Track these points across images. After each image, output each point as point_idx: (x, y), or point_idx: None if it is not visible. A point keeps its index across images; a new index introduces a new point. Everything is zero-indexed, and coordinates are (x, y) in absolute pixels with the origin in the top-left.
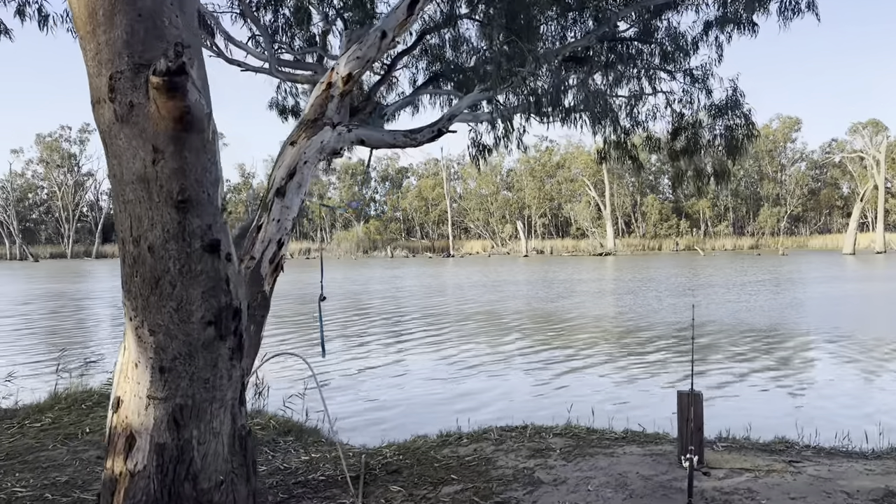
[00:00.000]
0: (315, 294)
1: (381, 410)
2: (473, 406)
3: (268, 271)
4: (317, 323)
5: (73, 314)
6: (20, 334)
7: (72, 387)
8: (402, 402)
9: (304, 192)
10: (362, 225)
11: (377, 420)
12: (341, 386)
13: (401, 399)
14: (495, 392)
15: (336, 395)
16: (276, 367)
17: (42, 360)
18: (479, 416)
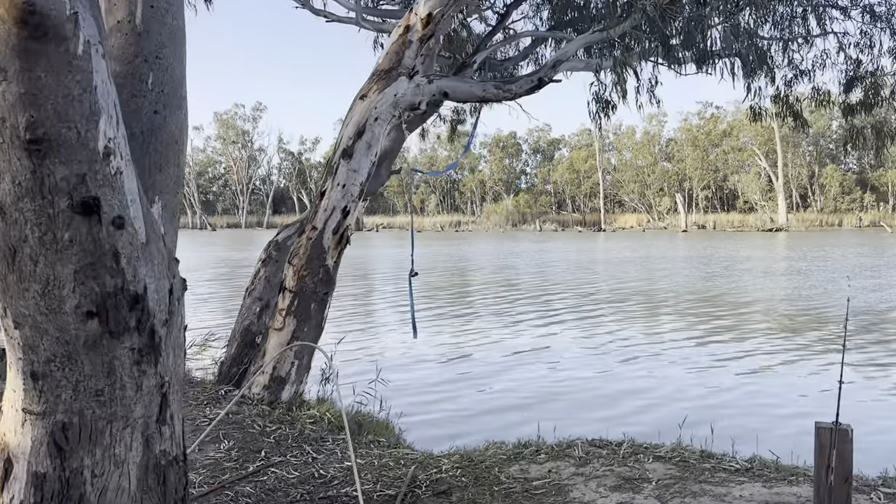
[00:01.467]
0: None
1: (480, 405)
2: (577, 403)
3: (331, 243)
4: (406, 302)
5: (231, 281)
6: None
7: None
8: (506, 395)
9: (375, 154)
10: (511, 198)
11: (467, 416)
12: (448, 372)
13: (506, 391)
14: (607, 389)
15: (437, 384)
16: (353, 347)
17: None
18: (578, 417)
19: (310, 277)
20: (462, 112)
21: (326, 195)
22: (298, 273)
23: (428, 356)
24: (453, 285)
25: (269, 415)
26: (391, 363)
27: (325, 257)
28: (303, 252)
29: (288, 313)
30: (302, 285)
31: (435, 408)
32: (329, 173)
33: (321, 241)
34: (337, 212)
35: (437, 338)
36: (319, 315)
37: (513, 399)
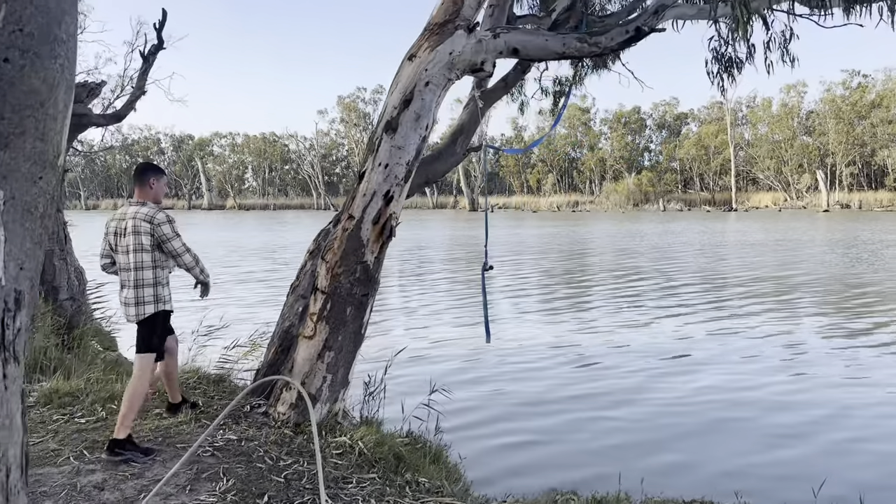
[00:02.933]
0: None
1: (565, 433)
2: (694, 430)
3: (370, 235)
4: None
5: None
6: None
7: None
8: (609, 422)
9: (425, 127)
10: (633, 176)
11: (543, 448)
12: (531, 383)
13: (608, 415)
14: (741, 418)
15: (513, 402)
16: (415, 353)
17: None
18: (697, 457)
19: (345, 276)
20: (566, 82)
21: (366, 177)
22: (332, 271)
23: (508, 361)
24: (565, 271)
25: (290, 442)
26: (457, 373)
27: (363, 252)
28: (337, 246)
29: (320, 318)
30: (336, 285)
31: (504, 432)
32: (370, 151)
33: (359, 233)
34: (378, 197)
35: (526, 335)
36: (357, 321)
37: (615, 427)
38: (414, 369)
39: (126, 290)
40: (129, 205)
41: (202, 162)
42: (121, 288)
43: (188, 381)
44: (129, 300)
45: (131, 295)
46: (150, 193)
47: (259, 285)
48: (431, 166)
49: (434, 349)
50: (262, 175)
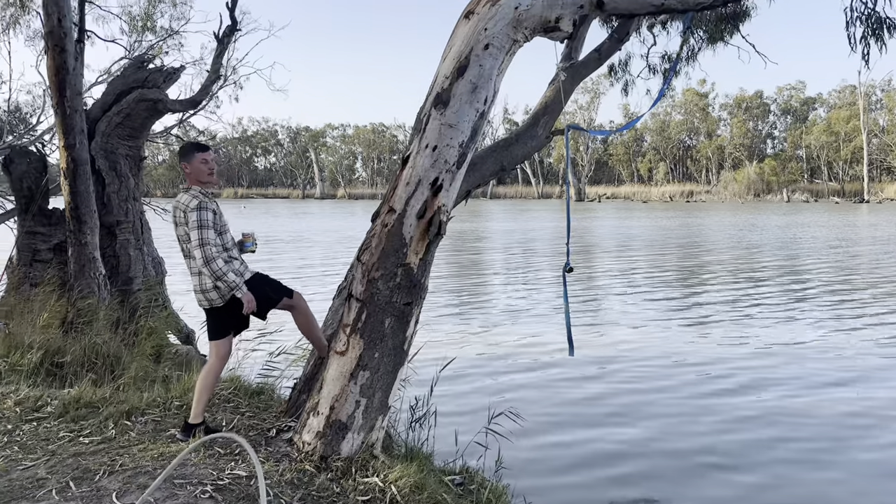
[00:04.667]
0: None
1: (663, 468)
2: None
3: (415, 232)
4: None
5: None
6: None
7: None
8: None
9: (484, 101)
10: (754, 165)
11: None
12: (629, 411)
13: (711, 450)
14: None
15: (598, 433)
16: (483, 367)
17: None
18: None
19: (384, 281)
20: (679, 60)
21: (410, 162)
22: (369, 274)
23: (600, 378)
24: (674, 266)
25: (309, 482)
26: (532, 392)
27: (405, 252)
28: (375, 244)
29: (353, 331)
30: (373, 292)
31: (600, 481)
32: (416, 131)
33: (401, 230)
34: (423, 187)
35: (629, 343)
36: (398, 335)
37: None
38: (477, 384)
39: (192, 278)
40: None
41: (315, 153)
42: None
43: (222, 391)
44: (195, 288)
45: (195, 282)
46: (190, 177)
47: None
48: (508, 151)
49: (505, 360)
50: (370, 165)
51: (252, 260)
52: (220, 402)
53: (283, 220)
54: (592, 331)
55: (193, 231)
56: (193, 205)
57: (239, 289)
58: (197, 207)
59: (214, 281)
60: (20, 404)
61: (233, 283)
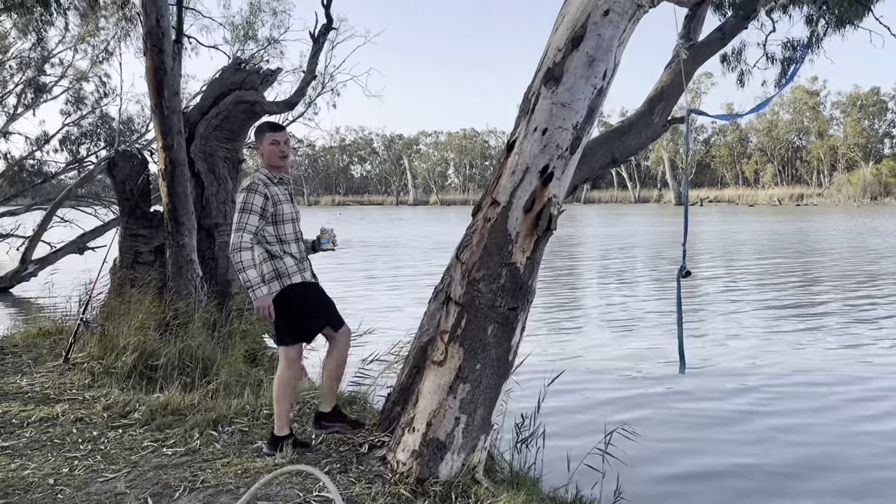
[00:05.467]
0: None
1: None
2: None
3: (521, 227)
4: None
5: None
6: None
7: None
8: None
9: (603, 76)
10: (871, 166)
11: None
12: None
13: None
14: None
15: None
16: (585, 384)
17: None
18: None
19: (486, 283)
20: (798, 45)
21: (516, 148)
22: (469, 275)
23: (716, 397)
24: (791, 274)
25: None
26: (644, 413)
27: (510, 250)
28: (476, 241)
29: (452, 339)
30: (474, 295)
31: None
32: (523, 113)
33: (505, 225)
34: (531, 175)
35: (738, 355)
36: (502, 344)
37: None
38: (585, 400)
39: None
40: None
41: (409, 160)
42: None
43: (313, 400)
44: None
45: None
46: (263, 160)
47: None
48: (620, 141)
49: (612, 374)
50: (462, 171)
51: (340, 263)
52: (310, 411)
53: (377, 225)
54: (705, 343)
55: (235, 214)
56: (244, 185)
57: (253, 290)
58: (246, 189)
59: (237, 271)
60: (108, 409)
61: (247, 282)
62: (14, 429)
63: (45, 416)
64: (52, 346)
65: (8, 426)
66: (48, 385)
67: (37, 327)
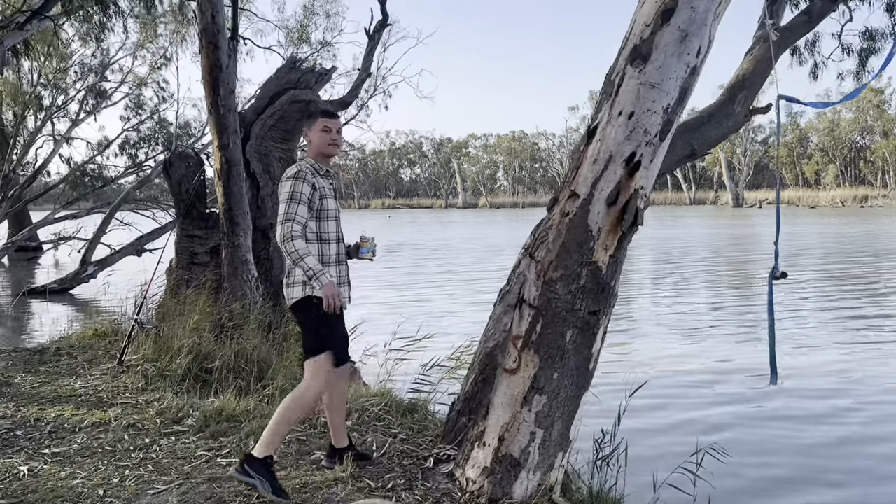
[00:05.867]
0: None
1: None
2: None
3: (604, 222)
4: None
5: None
6: None
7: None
8: None
9: (696, 52)
10: None
11: None
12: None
13: None
14: None
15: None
16: (667, 397)
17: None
18: None
19: (564, 283)
20: (878, 36)
21: (597, 135)
22: (545, 275)
23: (817, 416)
24: (871, 278)
25: None
26: (735, 434)
27: (591, 248)
28: (553, 238)
29: (526, 345)
30: (551, 297)
31: None
32: (605, 95)
33: (585, 219)
34: (616, 164)
35: (832, 367)
36: (582, 351)
37: None
38: (666, 414)
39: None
40: None
41: (458, 163)
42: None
43: (372, 408)
44: (284, 281)
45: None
46: (311, 147)
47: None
48: (699, 132)
49: (697, 388)
50: (512, 174)
51: (391, 267)
52: (369, 419)
53: (428, 228)
54: (790, 352)
55: (281, 204)
56: (290, 173)
57: (317, 278)
58: (293, 177)
59: (291, 265)
60: (161, 414)
61: (309, 270)
62: (66, 434)
63: (97, 420)
64: (107, 347)
65: (60, 431)
66: (101, 388)
67: (92, 328)
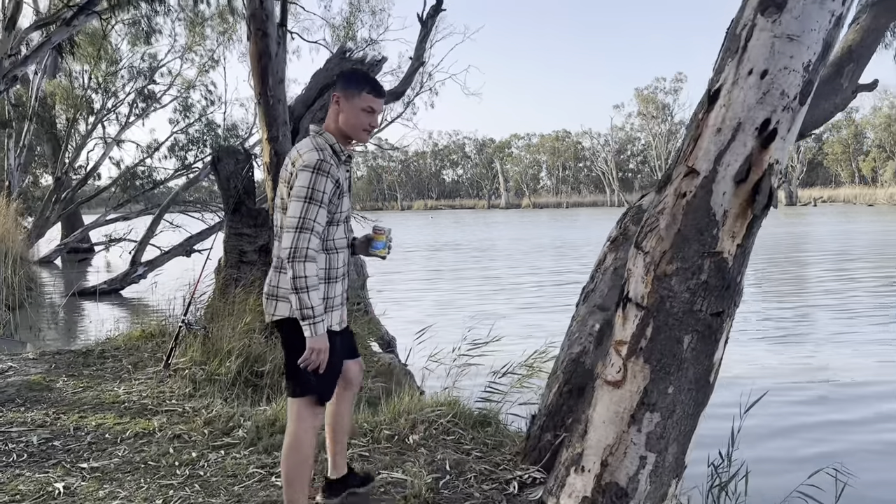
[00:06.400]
0: None
1: None
2: None
3: (731, 204)
4: None
5: None
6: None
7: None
8: None
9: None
10: None
11: None
12: None
13: None
14: None
15: None
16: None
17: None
18: None
19: (681, 278)
20: None
21: (721, 99)
22: (656, 268)
23: None
24: None
25: None
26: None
27: (715, 235)
28: (666, 224)
29: (633, 353)
30: (663, 295)
31: None
32: (728, 53)
33: (707, 201)
34: (746, 133)
35: None
36: (702, 361)
37: None
38: (786, 430)
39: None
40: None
41: (501, 163)
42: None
43: (439, 419)
44: (265, 288)
45: (267, 279)
46: (335, 119)
47: (556, 288)
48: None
49: (803, 392)
50: (555, 174)
51: (434, 269)
52: (437, 433)
53: (472, 228)
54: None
55: (295, 203)
56: (311, 160)
57: (313, 324)
58: (315, 168)
59: (292, 290)
60: (210, 424)
61: (306, 308)
62: (107, 445)
63: (140, 430)
64: (153, 349)
65: (101, 442)
66: (146, 394)
67: (139, 329)
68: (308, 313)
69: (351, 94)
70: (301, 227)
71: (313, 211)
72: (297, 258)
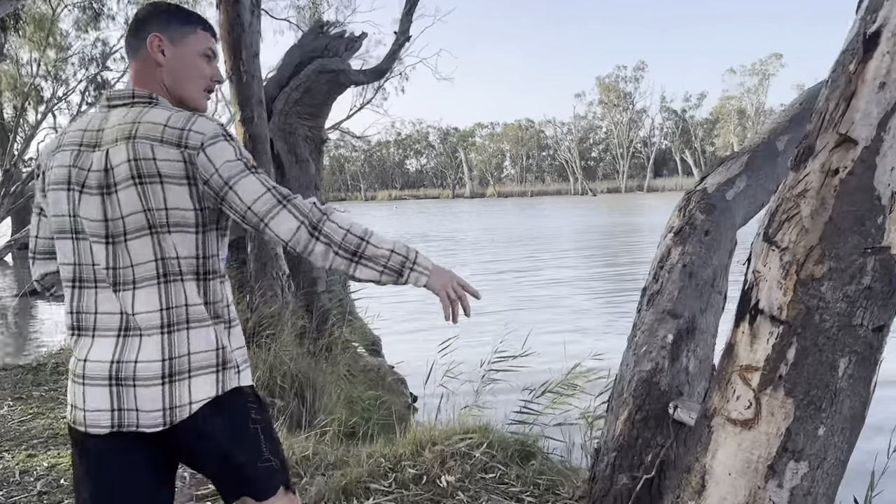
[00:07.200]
0: None
1: None
2: None
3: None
4: None
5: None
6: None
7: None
8: None
9: None
10: None
11: None
12: None
13: None
14: None
15: None
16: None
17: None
18: None
19: (833, 283)
20: None
21: (882, 44)
22: (800, 269)
23: None
24: None
25: None
26: None
27: (880, 225)
28: (810, 211)
29: (768, 382)
30: (811, 305)
31: None
32: None
33: (869, 180)
34: None
35: None
36: (859, 392)
37: None
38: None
39: (101, 346)
40: (111, 106)
41: (465, 153)
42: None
43: (472, 451)
44: (145, 372)
45: (150, 354)
46: (157, 78)
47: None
48: None
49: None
50: (519, 162)
51: None
52: (472, 469)
53: (438, 219)
54: None
55: (244, 180)
56: (210, 127)
57: (412, 264)
58: (225, 133)
59: (349, 259)
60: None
61: (391, 257)
62: (63, 496)
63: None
64: None
65: (55, 492)
66: None
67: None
68: (396, 260)
69: (181, 32)
70: (281, 196)
71: (270, 179)
72: (318, 221)
